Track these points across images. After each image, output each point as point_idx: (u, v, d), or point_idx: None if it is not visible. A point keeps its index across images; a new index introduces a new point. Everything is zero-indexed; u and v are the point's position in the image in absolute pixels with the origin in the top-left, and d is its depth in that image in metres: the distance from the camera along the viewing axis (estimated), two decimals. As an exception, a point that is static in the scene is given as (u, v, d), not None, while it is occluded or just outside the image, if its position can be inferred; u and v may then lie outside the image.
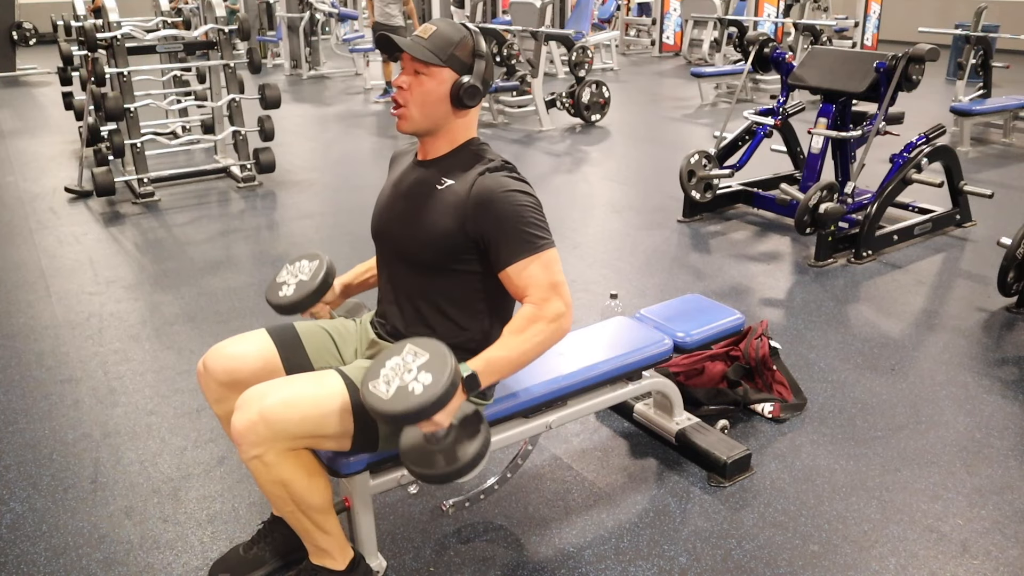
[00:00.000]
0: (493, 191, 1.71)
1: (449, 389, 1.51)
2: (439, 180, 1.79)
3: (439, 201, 1.76)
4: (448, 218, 1.74)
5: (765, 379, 2.74)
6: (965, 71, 7.29)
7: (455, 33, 1.76)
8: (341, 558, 1.84)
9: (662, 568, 2.00)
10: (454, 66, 1.74)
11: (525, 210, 1.71)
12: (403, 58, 1.76)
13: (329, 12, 11.06)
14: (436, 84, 1.74)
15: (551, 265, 1.71)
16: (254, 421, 1.60)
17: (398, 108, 1.77)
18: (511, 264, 1.70)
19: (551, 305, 1.68)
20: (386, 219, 1.88)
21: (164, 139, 6.20)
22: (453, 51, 1.74)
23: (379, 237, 1.91)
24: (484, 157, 1.80)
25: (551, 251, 1.72)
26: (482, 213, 1.70)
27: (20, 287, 3.85)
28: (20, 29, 10.97)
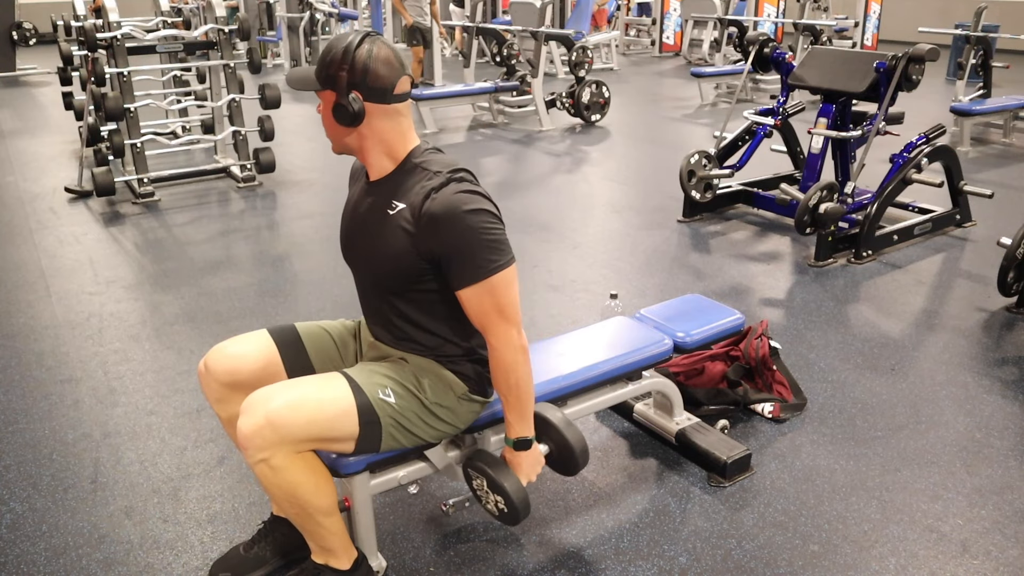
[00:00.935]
0: (439, 217, 1.64)
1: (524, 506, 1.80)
2: (390, 204, 1.73)
3: (391, 226, 1.71)
4: (400, 244, 1.70)
5: (765, 379, 2.74)
6: (965, 71, 7.29)
7: (334, 48, 1.66)
8: (345, 557, 1.84)
9: (662, 568, 2.01)
10: (333, 86, 1.66)
11: (472, 233, 1.64)
12: None
13: (329, 12, 11.05)
14: (326, 107, 1.71)
15: (496, 290, 1.67)
16: (260, 425, 1.60)
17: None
18: (460, 289, 1.69)
19: (500, 335, 1.70)
20: (349, 243, 1.86)
21: (164, 139, 6.20)
22: (328, 71, 1.66)
23: (346, 258, 1.90)
24: (430, 171, 1.70)
25: (499, 274, 1.67)
26: (431, 238, 1.66)
27: (20, 287, 3.85)
28: (20, 29, 10.97)
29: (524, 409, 1.78)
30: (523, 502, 1.78)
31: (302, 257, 4.23)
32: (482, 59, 10.75)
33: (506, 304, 1.69)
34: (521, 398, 1.76)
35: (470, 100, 7.82)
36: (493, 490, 1.81)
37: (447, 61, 11.41)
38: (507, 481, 1.78)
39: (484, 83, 7.87)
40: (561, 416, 1.87)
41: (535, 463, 1.84)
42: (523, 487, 1.80)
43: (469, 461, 1.87)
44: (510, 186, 5.61)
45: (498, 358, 1.73)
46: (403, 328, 1.82)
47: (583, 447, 1.85)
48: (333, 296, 3.68)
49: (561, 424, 1.85)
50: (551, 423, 1.85)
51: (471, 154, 6.62)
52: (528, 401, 1.78)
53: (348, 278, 2.03)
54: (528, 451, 1.81)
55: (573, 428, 1.86)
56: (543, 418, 1.86)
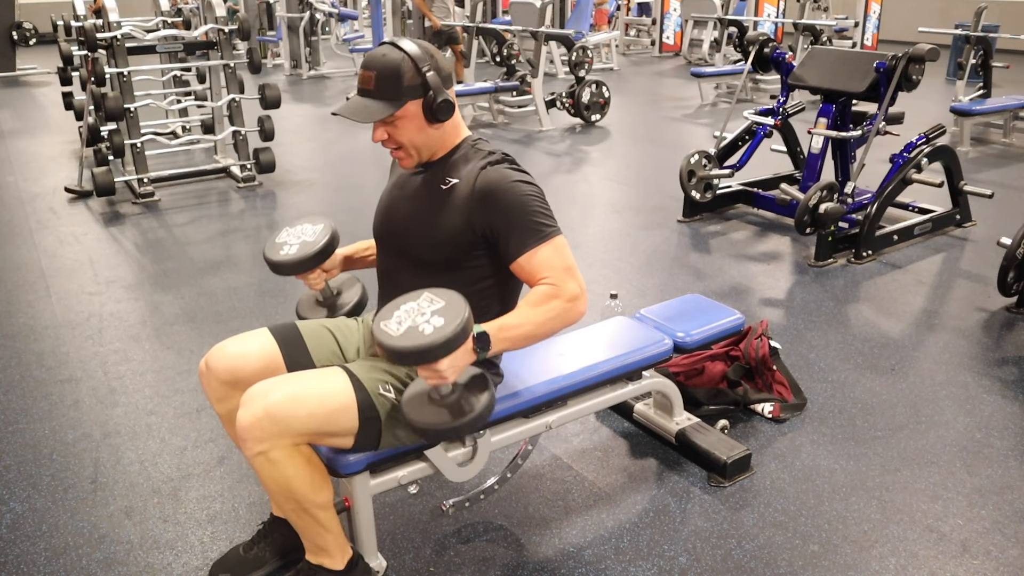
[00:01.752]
0: (497, 183, 1.73)
1: (459, 334, 1.52)
2: (443, 180, 1.80)
3: (445, 200, 1.77)
4: (456, 216, 1.75)
5: (765, 379, 2.74)
6: (965, 71, 7.29)
7: (394, 64, 1.68)
8: (340, 557, 1.84)
9: (662, 568, 2.01)
10: (413, 96, 1.70)
11: (530, 199, 1.73)
12: None
13: (329, 12, 11.06)
14: (410, 121, 1.72)
15: (562, 250, 1.73)
16: (259, 417, 1.61)
17: (398, 153, 1.78)
18: (522, 253, 1.71)
19: (567, 286, 1.71)
20: (391, 222, 1.88)
21: (164, 139, 6.20)
22: (403, 84, 1.68)
23: (384, 239, 1.91)
24: (483, 151, 1.81)
25: (560, 238, 1.74)
26: (488, 207, 1.72)
27: (20, 287, 3.85)
28: (20, 29, 10.97)
29: (521, 335, 1.67)
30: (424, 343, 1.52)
31: (302, 257, 4.22)
32: (482, 59, 10.75)
33: (572, 266, 1.73)
34: (530, 329, 1.68)
35: (470, 100, 7.82)
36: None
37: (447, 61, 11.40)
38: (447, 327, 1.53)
39: (484, 83, 7.87)
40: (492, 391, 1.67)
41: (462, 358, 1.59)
42: (426, 339, 1.51)
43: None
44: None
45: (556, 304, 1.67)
46: None
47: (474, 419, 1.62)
48: (333, 296, 3.68)
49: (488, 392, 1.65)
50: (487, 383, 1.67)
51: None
52: (531, 336, 1.68)
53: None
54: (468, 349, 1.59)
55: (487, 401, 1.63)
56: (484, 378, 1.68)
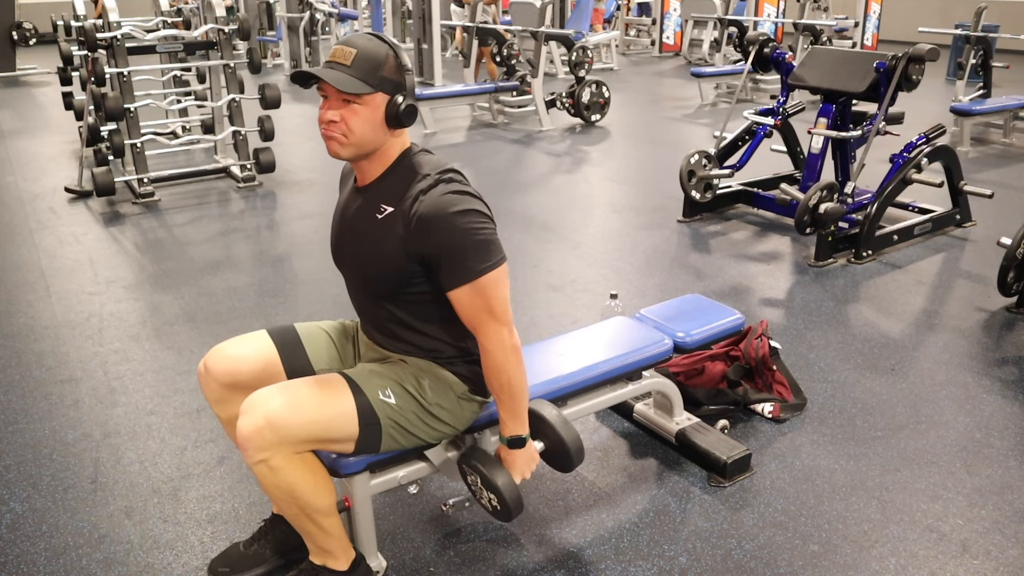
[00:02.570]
0: (431, 216, 1.64)
1: (517, 504, 1.81)
2: (378, 208, 1.72)
3: (380, 231, 1.71)
4: (391, 248, 1.70)
5: (765, 379, 2.74)
6: (965, 71, 7.29)
7: (378, 50, 1.65)
8: (344, 558, 1.84)
9: (662, 568, 2.00)
10: (385, 88, 1.65)
11: (464, 234, 1.64)
12: (325, 88, 1.65)
13: (329, 12, 11.05)
14: (371, 111, 1.64)
15: (486, 290, 1.67)
16: (260, 426, 1.60)
17: (335, 139, 1.66)
18: (451, 290, 1.69)
19: (489, 332, 1.70)
20: (339, 248, 1.87)
21: (164, 139, 6.20)
22: (381, 73, 1.64)
23: (337, 263, 1.91)
24: (419, 173, 1.70)
25: (489, 275, 1.66)
26: (421, 240, 1.66)
27: (20, 287, 3.85)
28: (20, 29, 10.96)
29: (516, 407, 1.78)
30: (515, 500, 1.79)
31: (302, 257, 4.22)
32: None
33: (496, 304, 1.68)
34: (514, 396, 1.76)
35: (470, 100, 7.82)
36: (487, 488, 1.81)
37: (447, 61, 11.41)
38: (500, 479, 1.78)
39: (484, 83, 7.87)
40: (556, 414, 1.87)
41: (529, 460, 1.84)
42: (515, 485, 1.80)
43: (464, 458, 1.87)
44: (510, 186, 5.61)
45: (489, 358, 1.73)
46: (397, 331, 1.82)
47: (578, 445, 1.85)
48: (333, 296, 3.68)
49: (556, 422, 1.85)
50: (546, 420, 1.85)
51: (471, 154, 6.62)
52: (520, 400, 1.77)
53: (348, 278, 2.03)
54: (522, 449, 1.81)
55: (568, 426, 1.86)
56: (538, 415, 1.86)
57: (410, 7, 10.74)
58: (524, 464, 1.83)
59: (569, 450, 1.84)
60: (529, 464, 1.84)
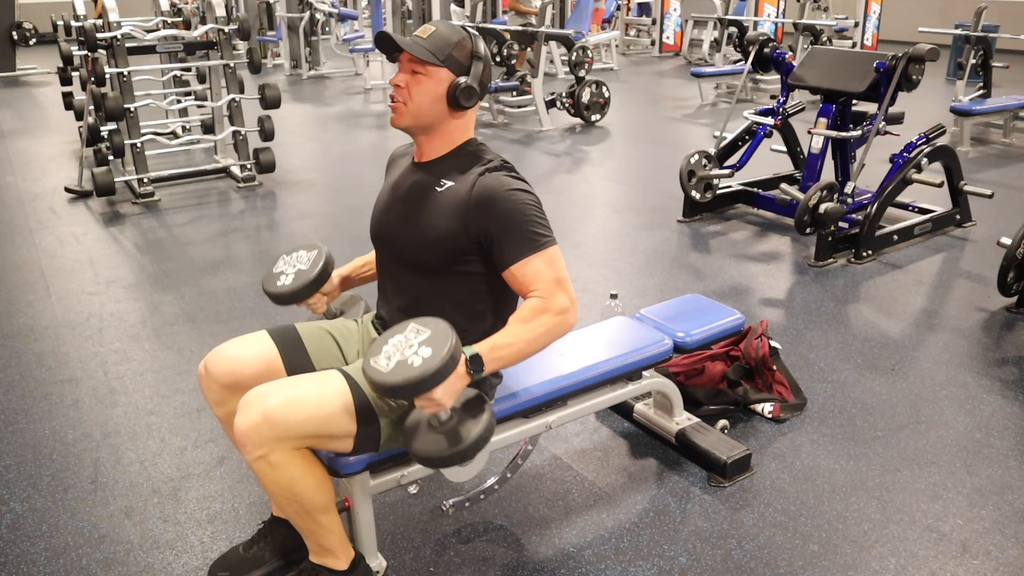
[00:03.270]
0: (495, 190, 1.72)
1: (448, 363, 1.52)
2: (438, 182, 1.79)
3: (439, 203, 1.77)
4: (449, 219, 1.74)
5: (765, 379, 2.74)
6: (965, 71, 7.29)
7: (454, 34, 1.77)
8: (343, 557, 1.84)
9: (662, 568, 2.01)
10: (451, 67, 1.76)
11: (527, 208, 1.72)
12: (401, 58, 1.76)
13: (329, 12, 11.05)
14: (433, 84, 1.75)
15: (555, 261, 1.72)
16: (257, 422, 1.61)
17: (395, 103, 1.78)
18: (515, 262, 1.70)
19: (557, 299, 1.70)
20: (386, 222, 1.88)
21: (164, 139, 6.20)
22: (451, 52, 1.75)
23: (379, 240, 1.91)
24: (483, 158, 1.81)
25: (554, 248, 1.74)
26: (484, 212, 1.71)
27: (20, 287, 3.85)
28: (20, 29, 10.96)
29: (512, 352, 1.66)
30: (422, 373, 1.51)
31: (302, 257, 4.22)
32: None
33: (564, 278, 1.72)
34: (521, 350, 1.67)
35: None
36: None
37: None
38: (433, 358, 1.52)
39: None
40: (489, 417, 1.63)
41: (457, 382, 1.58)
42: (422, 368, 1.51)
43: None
44: (510, 186, 5.60)
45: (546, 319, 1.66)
46: (425, 314, 1.78)
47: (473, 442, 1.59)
48: (333, 296, 3.68)
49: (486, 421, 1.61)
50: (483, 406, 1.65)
51: (471, 154, 6.61)
52: (523, 353, 1.67)
53: (348, 278, 2.03)
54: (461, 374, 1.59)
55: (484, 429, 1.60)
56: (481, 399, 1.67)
57: (410, 7, 10.73)
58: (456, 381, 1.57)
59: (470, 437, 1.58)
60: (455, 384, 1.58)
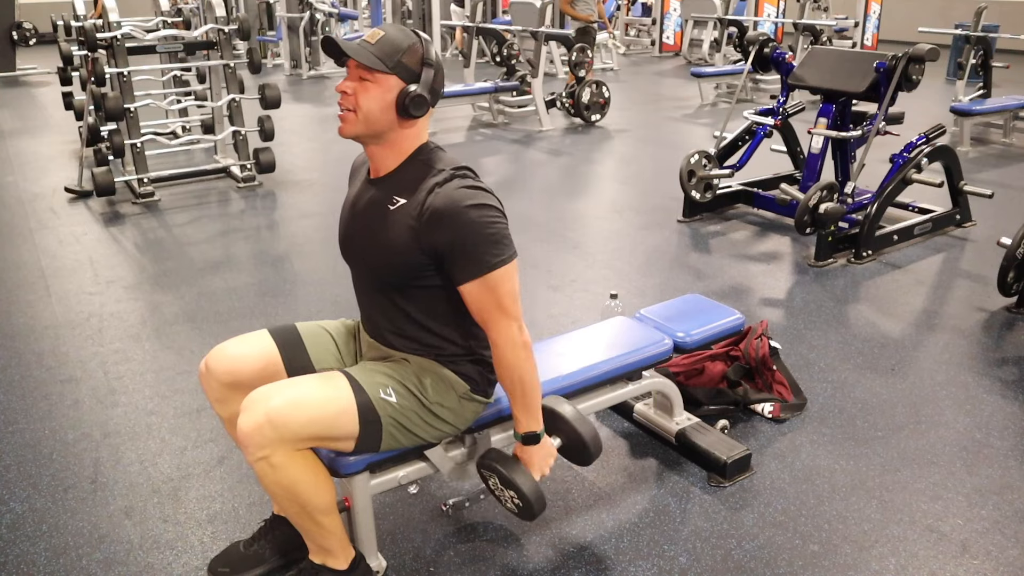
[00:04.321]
0: (444, 209, 1.65)
1: (538, 501, 1.81)
2: (391, 199, 1.74)
3: (392, 221, 1.72)
4: (402, 238, 1.70)
5: (765, 379, 2.74)
6: (965, 71, 7.29)
7: (404, 39, 1.69)
8: (343, 557, 1.84)
9: (662, 568, 2.01)
10: (401, 74, 1.67)
11: (477, 227, 1.66)
12: (348, 63, 1.69)
13: (329, 12, 11.05)
14: (382, 92, 1.67)
15: (497, 285, 1.68)
16: (260, 423, 1.61)
17: (343, 111, 1.70)
18: (462, 284, 1.69)
19: (501, 331, 1.71)
20: (348, 239, 1.86)
21: (164, 139, 6.20)
22: (400, 58, 1.67)
23: (345, 254, 1.89)
24: (434, 168, 1.72)
25: (500, 270, 1.68)
26: (434, 232, 1.67)
27: (20, 287, 3.85)
28: (20, 29, 10.96)
29: (530, 404, 1.78)
30: (537, 497, 1.79)
31: (302, 257, 4.23)
32: (482, 59, 10.75)
33: (506, 300, 1.69)
34: (527, 393, 1.76)
35: (470, 100, 7.82)
36: (507, 487, 1.81)
37: (447, 61, 11.41)
38: (519, 477, 1.78)
39: (484, 83, 7.87)
40: (571, 409, 1.88)
41: (546, 456, 1.85)
42: (535, 482, 1.80)
43: (482, 460, 1.87)
44: (510, 186, 5.61)
45: (500, 355, 1.73)
46: (402, 326, 1.81)
47: (594, 437, 1.86)
48: (333, 296, 3.68)
49: (572, 417, 1.86)
50: (562, 416, 1.86)
51: (471, 154, 6.62)
52: (534, 396, 1.78)
53: (348, 278, 2.03)
54: (538, 445, 1.82)
55: (584, 421, 1.87)
56: (553, 411, 1.86)
57: (410, 7, 10.74)
58: (541, 460, 1.84)
59: (587, 444, 1.85)
60: (547, 460, 1.85)
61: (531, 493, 1.78)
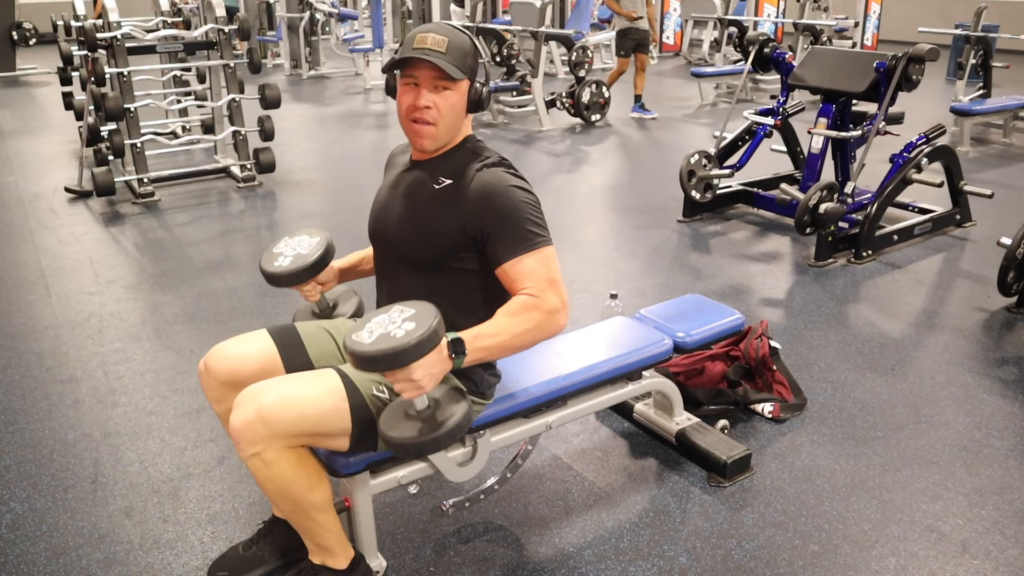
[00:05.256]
0: (492, 187, 1.72)
1: (430, 336, 1.49)
2: (436, 179, 1.78)
3: (437, 199, 1.76)
4: (447, 216, 1.74)
5: (765, 379, 2.74)
6: (965, 71, 7.29)
7: (465, 40, 1.73)
8: (342, 557, 1.84)
9: (662, 568, 2.00)
10: (471, 76, 1.75)
11: (524, 206, 1.72)
12: (418, 75, 1.68)
13: (329, 12, 11.06)
14: (459, 97, 1.74)
15: (548, 261, 1.72)
16: (251, 419, 1.61)
17: (426, 126, 1.71)
18: (509, 259, 1.70)
19: (548, 298, 1.69)
20: (384, 220, 1.87)
21: (164, 139, 6.20)
22: (468, 60, 1.73)
23: (377, 238, 1.91)
24: (481, 154, 1.80)
25: (549, 248, 1.73)
26: (481, 209, 1.71)
27: (20, 287, 3.85)
28: (20, 29, 10.96)
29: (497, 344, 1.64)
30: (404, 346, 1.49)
31: (302, 257, 4.22)
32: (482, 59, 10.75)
33: (556, 279, 1.71)
34: (506, 339, 1.64)
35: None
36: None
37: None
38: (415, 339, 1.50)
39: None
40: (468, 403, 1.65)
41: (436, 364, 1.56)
42: (402, 345, 1.49)
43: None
44: (510, 186, 5.60)
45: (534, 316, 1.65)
46: None
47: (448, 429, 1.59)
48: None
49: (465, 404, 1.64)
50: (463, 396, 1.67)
51: (471, 154, 6.61)
52: (507, 347, 1.66)
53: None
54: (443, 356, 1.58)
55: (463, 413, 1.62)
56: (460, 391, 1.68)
57: (410, 7, 10.74)
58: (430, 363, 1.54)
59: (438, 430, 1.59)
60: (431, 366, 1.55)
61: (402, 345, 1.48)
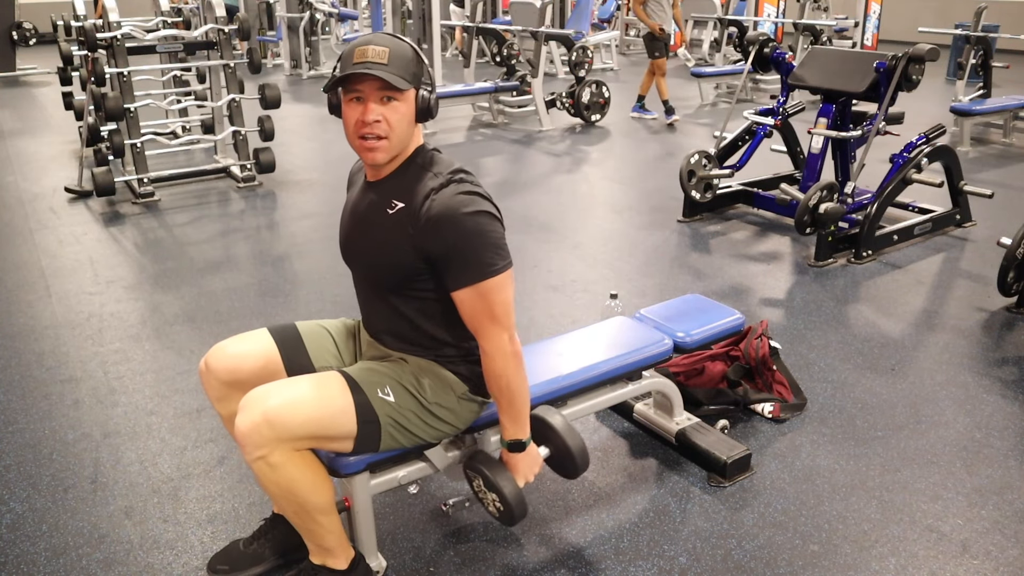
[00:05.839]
0: (439, 218, 1.64)
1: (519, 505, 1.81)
2: (389, 203, 1.73)
3: (390, 226, 1.72)
4: (400, 243, 1.70)
5: (765, 379, 2.74)
6: (965, 71, 7.29)
7: (406, 47, 1.67)
8: (343, 557, 1.84)
9: (662, 568, 2.00)
10: (417, 85, 1.68)
11: (470, 236, 1.65)
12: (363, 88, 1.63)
13: (329, 12, 11.05)
14: (407, 107, 1.67)
15: (489, 293, 1.67)
16: (257, 423, 1.61)
17: (378, 141, 1.66)
18: (455, 291, 1.69)
19: (491, 339, 1.70)
20: (348, 244, 1.87)
21: (164, 139, 6.20)
22: (412, 69, 1.66)
23: (346, 258, 1.90)
24: (431, 170, 1.71)
25: (494, 279, 1.67)
26: (430, 239, 1.66)
27: (20, 287, 3.85)
28: (20, 29, 10.96)
29: (517, 413, 1.78)
30: (518, 503, 1.79)
31: (302, 257, 4.22)
32: (482, 59, 10.75)
33: (498, 309, 1.69)
34: (513, 402, 1.76)
35: (470, 100, 7.82)
36: (490, 490, 1.81)
37: (447, 61, 11.41)
38: (502, 482, 1.79)
39: (484, 83, 7.87)
40: (561, 420, 1.88)
41: (532, 464, 1.85)
42: (518, 488, 1.80)
43: (468, 461, 1.88)
44: (510, 186, 5.61)
45: (489, 362, 1.73)
46: (400, 328, 1.82)
47: (582, 451, 1.86)
48: (333, 296, 3.68)
49: (561, 428, 1.86)
50: (551, 426, 1.86)
51: (471, 154, 6.62)
52: (521, 405, 1.78)
53: (348, 278, 2.03)
54: (523, 453, 1.82)
55: (573, 432, 1.86)
56: (543, 421, 1.86)
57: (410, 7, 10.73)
58: (527, 467, 1.84)
59: (574, 457, 1.85)
60: (532, 468, 1.85)
61: (513, 498, 1.78)
